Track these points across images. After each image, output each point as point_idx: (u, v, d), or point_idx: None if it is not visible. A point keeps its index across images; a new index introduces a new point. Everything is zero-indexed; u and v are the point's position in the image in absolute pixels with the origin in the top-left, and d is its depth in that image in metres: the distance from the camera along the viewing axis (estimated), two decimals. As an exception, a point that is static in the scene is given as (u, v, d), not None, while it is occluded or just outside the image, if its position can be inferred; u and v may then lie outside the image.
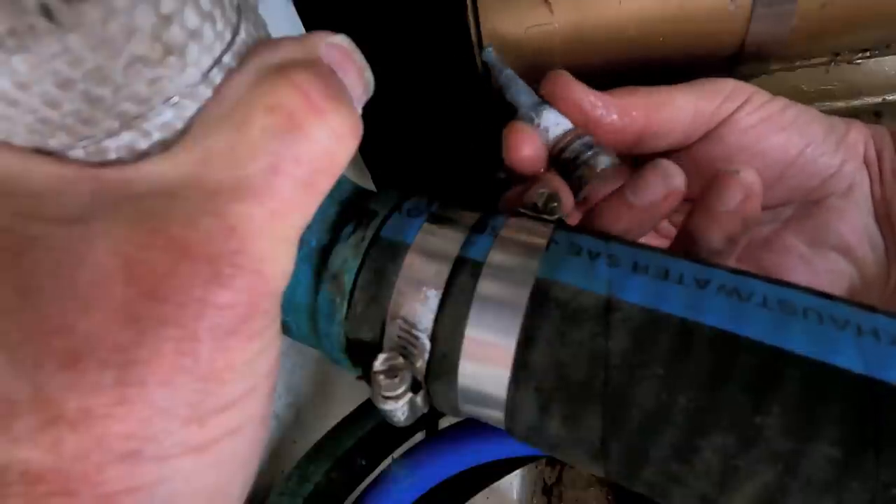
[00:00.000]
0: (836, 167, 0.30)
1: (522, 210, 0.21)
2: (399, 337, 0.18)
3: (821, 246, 0.29)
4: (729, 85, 0.29)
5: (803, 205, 0.31)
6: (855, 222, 0.30)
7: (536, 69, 0.37)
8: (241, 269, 0.13)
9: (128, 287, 0.12)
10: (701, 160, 0.30)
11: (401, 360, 0.18)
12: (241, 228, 0.13)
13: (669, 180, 0.25)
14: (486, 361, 0.18)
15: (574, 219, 0.30)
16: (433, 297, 0.18)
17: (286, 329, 0.21)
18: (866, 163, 0.30)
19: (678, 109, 0.28)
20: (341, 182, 0.21)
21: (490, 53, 0.32)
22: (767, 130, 0.29)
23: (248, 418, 0.14)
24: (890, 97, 0.41)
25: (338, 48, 0.16)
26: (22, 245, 0.12)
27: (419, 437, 0.33)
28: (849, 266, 0.29)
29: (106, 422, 0.12)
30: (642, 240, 0.26)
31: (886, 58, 0.39)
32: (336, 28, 0.16)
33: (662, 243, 0.32)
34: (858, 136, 0.31)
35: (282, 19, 0.33)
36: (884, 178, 0.30)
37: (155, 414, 0.12)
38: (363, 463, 0.30)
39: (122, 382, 0.12)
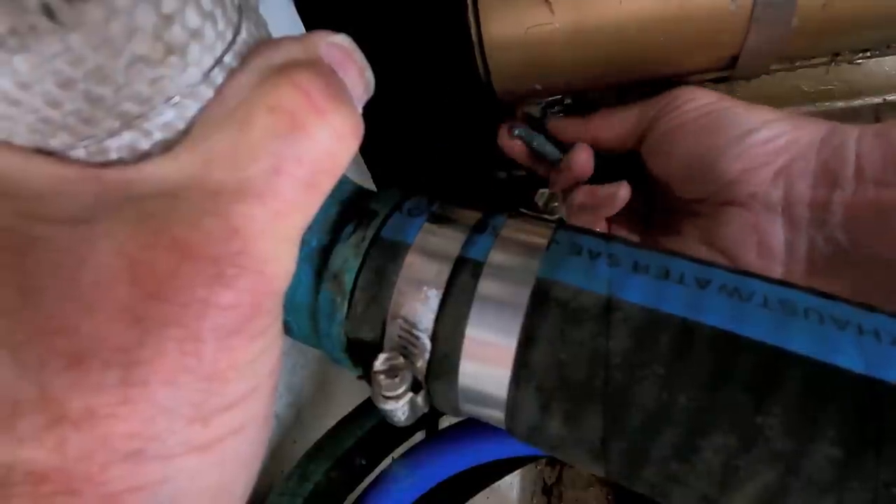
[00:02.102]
0: (735, 174, 0.31)
1: (523, 210, 0.21)
2: (399, 337, 0.18)
3: (709, 246, 0.32)
4: (674, 93, 0.35)
5: (712, 203, 0.33)
6: (744, 229, 0.31)
7: (537, 69, 0.37)
8: (243, 270, 0.13)
9: (131, 287, 0.12)
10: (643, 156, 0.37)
11: (401, 359, 0.18)
12: (244, 229, 0.13)
13: (573, 157, 0.37)
14: (487, 361, 0.18)
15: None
16: (434, 297, 0.18)
17: (287, 329, 0.21)
18: (789, 171, 0.30)
19: (621, 120, 0.37)
20: (342, 182, 0.21)
21: (522, 131, 0.39)
22: (677, 135, 0.34)
23: (251, 417, 0.14)
24: (890, 97, 0.41)
25: (338, 47, 0.16)
26: (25, 245, 0.12)
27: (419, 436, 0.33)
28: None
29: (110, 421, 0.12)
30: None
31: (886, 58, 0.39)
32: (336, 28, 0.16)
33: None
34: (790, 143, 0.31)
35: (282, 19, 0.33)
36: (819, 183, 0.30)
37: (158, 413, 0.12)
38: (363, 462, 0.30)
39: (125, 382, 0.12)
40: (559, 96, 0.42)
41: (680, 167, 0.34)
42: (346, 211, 0.20)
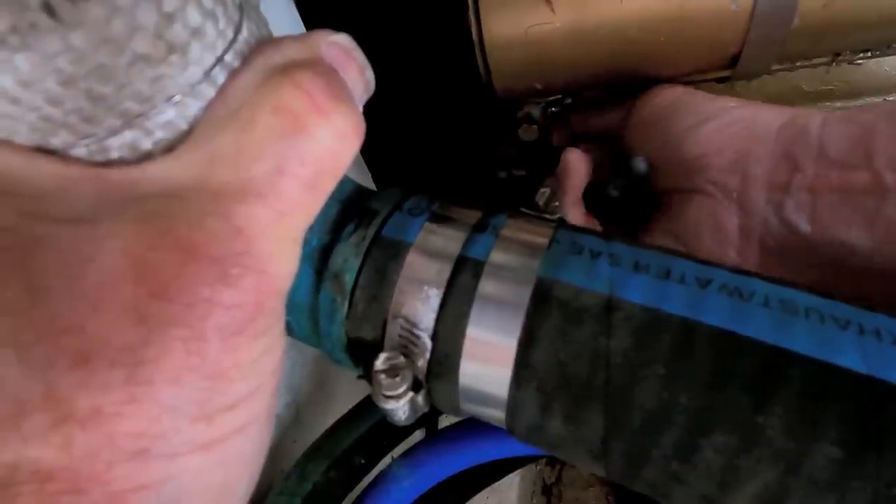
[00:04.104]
0: (693, 162, 0.32)
1: (524, 209, 0.21)
2: (400, 336, 0.18)
3: (671, 235, 0.33)
4: (648, 92, 0.36)
5: (679, 194, 0.33)
6: (701, 216, 0.31)
7: (537, 68, 0.37)
8: (247, 270, 0.13)
9: (136, 287, 0.12)
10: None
11: (402, 359, 0.18)
12: (247, 229, 0.13)
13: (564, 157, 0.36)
14: (488, 361, 0.18)
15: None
16: (434, 297, 0.18)
17: (287, 328, 0.20)
18: (746, 157, 0.31)
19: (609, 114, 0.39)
20: (343, 181, 0.21)
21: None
22: (647, 130, 0.35)
23: (254, 416, 0.14)
24: (890, 97, 0.41)
25: (339, 47, 0.16)
26: (29, 245, 0.12)
27: (418, 436, 0.33)
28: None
29: (115, 420, 0.12)
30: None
31: (887, 58, 0.39)
32: (336, 27, 0.16)
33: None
34: (747, 128, 0.31)
35: (283, 18, 0.33)
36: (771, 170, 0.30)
37: (163, 412, 0.12)
38: (362, 462, 0.30)
39: (131, 381, 0.12)
40: (559, 96, 0.42)
41: (655, 154, 0.35)
42: (347, 210, 0.20)
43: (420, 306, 0.18)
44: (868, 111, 0.28)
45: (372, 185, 0.37)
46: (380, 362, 0.18)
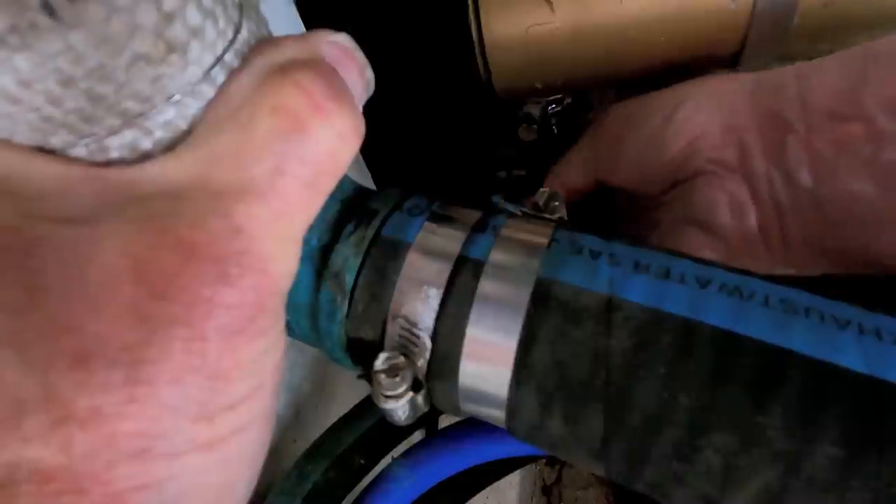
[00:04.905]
0: (683, 150, 0.31)
1: (524, 209, 0.21)
2: (400, 336, 0.18)
3: (686, 223, 0.32)
4: (609, 108, 0.36)
5: (679, 185, 0.32)
6: (714, 194, 0.30)
7: (537, 68, 0.37)
8: (247, 269, 0.13)
9: (136, 287, 0.12)
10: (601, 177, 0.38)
11: (402, 359, 0.18)
12: (247, 229, 0.13)
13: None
14: (488, 361, 0.18)
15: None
16: (434, 296, 0.18)
17: (287, 328, 0.20)
18: (733, 128, 0.30)
19: (575, 161, 0.38)
20: (342, 181, 0.21)
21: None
22: (617, 143, 0.34)
23: (254, 416, 0.15)
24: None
25: (339, 47, 0.16)
26: (29, 245, 0.12)
27: (418, 435, 0.33)
28: (709, 238, 0.30)
29: (115, 420, 0.12)
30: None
31: (887, 58, 0.39)
32: (336, 27, 0.16)
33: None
34: (720, 101, 0.31)
35: (282, 18, 0.33)
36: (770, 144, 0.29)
37: (164, 412, 0.12)
38: (362, 462, 0.30)
39: (131, 381, 0.12)
40: (559, 96, 0.42)
41: (633, 172, 0.34)
42: (347, 210, 0.20)
43: (420, 306, 0.18)
44: (847, 58, 0.28)
45: (372, 185, 0.37)
46: (380, 362, 0.18)
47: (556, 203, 0.21)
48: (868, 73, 0.26)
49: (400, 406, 0.18)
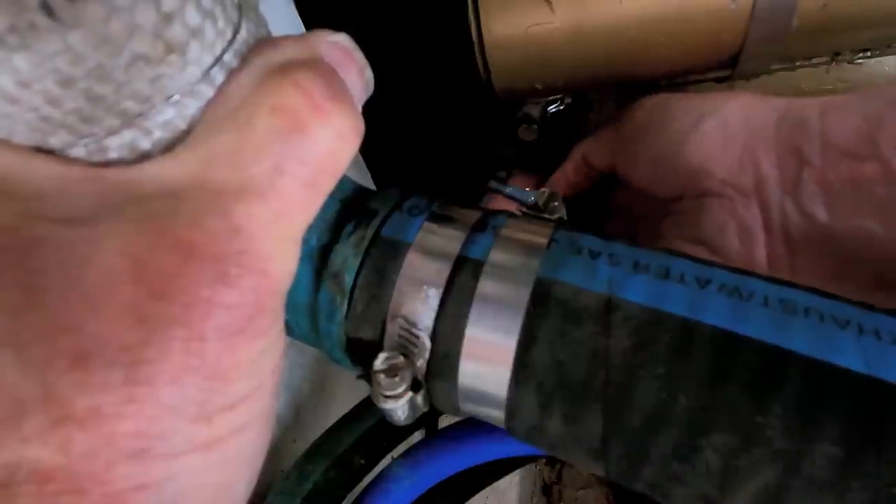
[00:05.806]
0: (699, 163, 0.31)
1: (523, 209, 0.21)
2: (399, 336, 0.18)
3: (691, 241, 0.32)
4: (636, 103, 0.36)
5: (688, 199, 0.33)
6: (723, 217, 0.31)
7: (537, 68, 0.37)
8: (246, 269, 0.13)
9: (135, 287, 0.12)
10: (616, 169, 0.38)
11: (401, 359, 0.18)
12: (247, 229, 0.13)
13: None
14: (487, 361, 0.18)
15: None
16: (434, 296, 0.18)
17: (287, 328, 0.20)
18: (753, 152, 0.30)
19: (604, 139, 0.38)
20: (342, 181, 0.21)
21: (493, 184, 0.38)
22: (637, 139, 0.34)
23: (253, 416, 0.15)
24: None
25: (338, 47, 0.16)
26: (28, 245, 0.12)
27: (418, 436, 0.33)
28: (716, 260, 0.30)
29: (115, 420, 0.12)
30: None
31: (887, 58, 0.39)
32: (336, 27, 0.16)
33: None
34: (745, 123, 0.31)
35: (282, 18, 0.33)
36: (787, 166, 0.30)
37: (163, 412, 0.12)
38: (362, 462, 0.30)
39: (130, 381, 0.12)
40: (559, 96, 0.42)
41: (647, 169, 0.34)
42: (346, 210, 0.20)
43: (419, 306, 0.18)
44: (869, 98, 0.28)
45: (372, 185, 0.37)
46: (379, 362, 0.18)
47: (556, 203, 0.21)
48: (885, 117, 0.27)
49: (399, 406, 0.18)
